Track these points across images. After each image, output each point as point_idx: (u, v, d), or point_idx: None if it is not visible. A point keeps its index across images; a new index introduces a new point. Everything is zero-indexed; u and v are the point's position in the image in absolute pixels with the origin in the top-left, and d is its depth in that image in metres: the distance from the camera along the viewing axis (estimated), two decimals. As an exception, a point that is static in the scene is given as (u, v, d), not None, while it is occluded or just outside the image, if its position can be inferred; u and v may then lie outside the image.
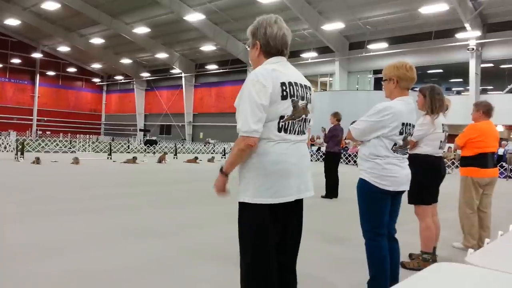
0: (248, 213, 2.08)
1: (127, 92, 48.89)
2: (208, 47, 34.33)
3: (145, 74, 45.30)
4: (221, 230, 5.27)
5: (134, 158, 16.27)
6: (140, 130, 44.15)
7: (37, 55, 45.13)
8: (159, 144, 27.06)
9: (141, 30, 32.50)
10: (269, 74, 2.02)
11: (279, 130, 2.06)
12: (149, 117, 47.01)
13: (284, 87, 2.05)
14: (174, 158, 20.31)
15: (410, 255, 4.16)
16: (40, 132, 42.32)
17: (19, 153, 15.18)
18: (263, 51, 2.17)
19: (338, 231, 5.54)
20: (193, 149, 26.10)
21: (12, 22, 34.91)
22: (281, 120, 2.06)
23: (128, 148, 22.67)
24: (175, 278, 3.43)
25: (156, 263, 3.79)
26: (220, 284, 3.35)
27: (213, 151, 25.23)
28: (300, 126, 2.15)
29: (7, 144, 18.10)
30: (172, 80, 43.10)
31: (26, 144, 17.22)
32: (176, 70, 40.51)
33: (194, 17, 27.99)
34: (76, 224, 5.23)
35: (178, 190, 9.11)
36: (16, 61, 44.23)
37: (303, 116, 2.16)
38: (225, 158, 22.34)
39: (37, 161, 13.68)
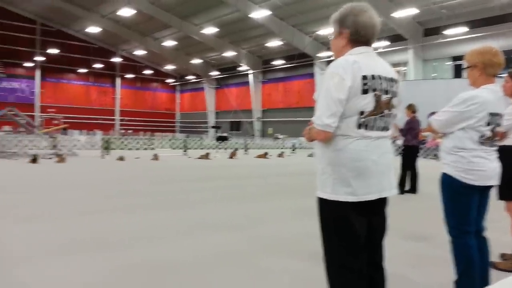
0: (328, 209, 2.04)
1: (199, 91, 50.81)
2: (274, 43, 34.45)
3: (214, 73, 46.69)
4: (296, 225, 5.31)
5: (207, 154, 16.94)
6: (212, 127, 45.66)
7: (116, 59, 48.62)
8: (230, 140, 27.82)
9: (209, 30, 33.54)
10: (349, 66, 1.94)
11: (359, 127, 1.97)
12: (220, 114, 48.44)
13: (365, 81, 1.95)
14: (244, 153, 20.77)
15: (502, 255, 3.87)
16: (123, 131, 45.61)
17: (105, 151, 16.55)
18: (351, 40, 2.08)
19: (419, 228, 5.31)
20: (263, 144, 26.42)
21: (93, 29, 37.99)
22: (361, 116, 1.96)
23: (201, 145, 23.61)
24: (251, 271, 3.52)
25: (230, 255, 3.92)
26: (299, 278, 3.38)
27: (283, 146, 25.33)
28: (383, 121, 2.04)
29: (94, 143, 19.79)
30: (240, 77, 43.94)
31: (111, 142, 18.68)
32: (243, 67, 41.22)
33: (259, 13, 28.24)
34: (157, 216, 5.60)
35: (250, 184, 9.32)
36: (98, 66, 47.98)
37: (387, 111, 2.05)
38: (294, 152, 22.34)
39: (122, 158, 14.82)
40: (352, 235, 2.02)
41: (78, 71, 47.13)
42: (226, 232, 4.83)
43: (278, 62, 38.38)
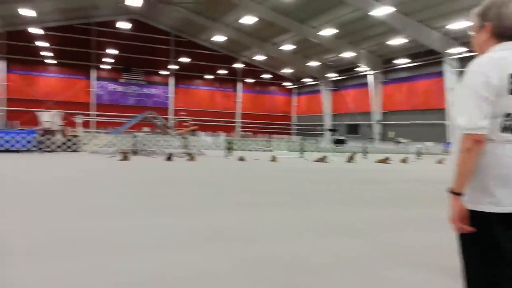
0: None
1: (315, 94, 50.88)
2: (397, 41, 32.58)
3: (332, 75, 46.19)
4: (422, 236, 4.91)
5: (324, 157, 16.79)
6: (328, 130, 45.24)
7: (238, 65, 51.54)
8: (347, 144, 27.17)
9: (328, 31, 33.28)
10: (495, 64, 1.76)
11: (503, 130, 1.78)
12: (337, 117, 47.73)
13: None
14: (363, 157, 20.05)
15: None
16: (243, 133, 48.14)
17: (228, 151, 17.59)
18: (494, 34, 1.90)
19: None
20: (383, 149, 25.17)
21: (218, 38, 40.94)
22: (507, 119, 1.77)
23: (318, 147, 23.54)
24: (371, 279, 3.38)
25: (350, 260, 3.82)
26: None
27: (406, 151, 23.79)
28: None
29: (219, 143, 21.20)
30: (358, 79, 42.69)
31: (233, 143, 19.80)
32: (362, 68, 39.92)
33: (381, 11, 26.97)
34: (278, 214, 5.73)
35: (371, 189, 8.92)
36: (222, 72, 51.49)
37: None
38: (420, 158, 20.77)
39: (242, 159, 15.58)
40: (496, 249, 1.81)
41: (205, 77, 51.25)
42: (347, 236, 4.73)
43: (401, 61, 36.19)
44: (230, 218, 5.50)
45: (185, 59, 48.02)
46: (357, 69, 41.28)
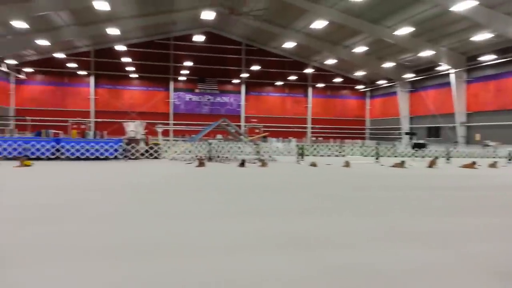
0: None
1: (390, 96, 48.74)
2: (481, 36, 30.02)
3: (409, 75, 43.90)
4: (495, 245, 4.45)
5: (403, 162, 15.92)
6: (406, 133, 42.98)
7: (308, 70, 51.19)
8: (428, 148, 25.55)
9: (403, 31, 31.66)
10: None
11: None
12: (415, 120, 45.19)
13: None
14: (446, 162, 18.70)
15: None
16: (314, 138, 47.62)
17: (299, 157, 17.44)
18: None
19: None
20: (469, 152, 23.24)
21: (288, 45, 41.05)
22: None
23: (395, 152, 22.43)
24: None
25: (436, 273, 3.56)
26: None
27: (495, 155, 21.76)
28: None
29: (290, 149, 21.14)
30: (438, 78, 40.06)
31: (304, 149, 19.61)
32: (443, 67, 37.39)
33: (463, 5, 25.06)
34: (346, 221, 5.53)
35: (456, 196, 8.24)
36: (292, 78, 51.51)
37: None
38: (511, 162, 18.84)
39: (314, 164, 15.34)
40: None
41: (275, 83, 51.66)
42: (426, 247, 4.40)
43: (488, 58, 33.26)
44: (304, 223, 5.42)
45: (255, 67, 48.86)
46: (437, 68, 38.79)
